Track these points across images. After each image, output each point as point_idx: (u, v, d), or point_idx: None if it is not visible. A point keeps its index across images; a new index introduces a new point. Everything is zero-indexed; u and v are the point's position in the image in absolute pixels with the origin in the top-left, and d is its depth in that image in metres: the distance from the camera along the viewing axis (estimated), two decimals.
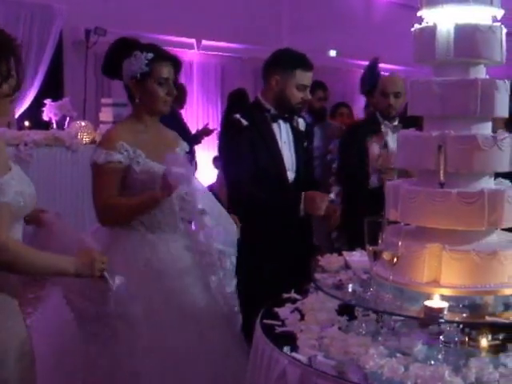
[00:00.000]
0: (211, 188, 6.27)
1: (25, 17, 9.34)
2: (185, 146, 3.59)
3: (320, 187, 4.30)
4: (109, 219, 3.27)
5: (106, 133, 3.42)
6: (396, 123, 4.74)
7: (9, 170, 2.37)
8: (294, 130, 3.96)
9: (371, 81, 6.99)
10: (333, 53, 13.44)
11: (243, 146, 3.83)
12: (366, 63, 8.22)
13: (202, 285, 3.35)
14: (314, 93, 7.12)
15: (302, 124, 4.01)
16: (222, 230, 3.33)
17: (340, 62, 13.23)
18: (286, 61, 3.89)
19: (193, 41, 11.02)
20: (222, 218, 3.38)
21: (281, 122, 3.91)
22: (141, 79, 3.26)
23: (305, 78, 3.86)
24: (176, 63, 3.39)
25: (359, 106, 10.37)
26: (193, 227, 3.42)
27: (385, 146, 4.52)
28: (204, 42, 11.10)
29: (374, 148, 4.42)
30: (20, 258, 2.33)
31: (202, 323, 3.27)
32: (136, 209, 3.25)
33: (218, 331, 3.31)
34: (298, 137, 3.96)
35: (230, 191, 4.01)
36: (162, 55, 3.32)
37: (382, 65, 12.83)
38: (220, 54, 11.42)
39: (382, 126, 4.77)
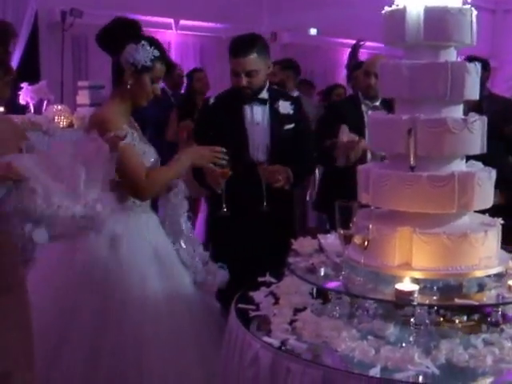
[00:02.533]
0: None
1: None
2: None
3: (311, 168, 4.36)
4: (152, 194, 3.40)
5: (105, 117, 3.34)
6: (377, 103, 4.73)
7: None
8: (274, 112, 3.97)
9: (351, 62, 7.12)
10: (313, 31, 13.39)
11: (202, 123, 4.13)
12: (347, 41, 8.31)
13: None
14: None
15: (285, 107, 4.01)
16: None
17: (321, 40, 13.18)
18: (229, 48, 3.96)
19: (171, 21, 10.94)
20: None
21: (255, 104, 3.95)
22: (140, 70, 3.32)
23: (233, 64, 3.90)
24: (168, 68, 3.48)
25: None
26: None
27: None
28: (182, 22, 11.03)
29: (344, 133, 4.43)
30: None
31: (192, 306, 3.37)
32: (173, 176, 3.43)
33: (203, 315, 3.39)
34: (277, 119, 3.98)
35: None
36: (164, 57, 3.43)
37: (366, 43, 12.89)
38: (198, 33, 11.35)
39: (362, 106, 4.78)
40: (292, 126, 4.02)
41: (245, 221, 3.88)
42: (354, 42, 9.61)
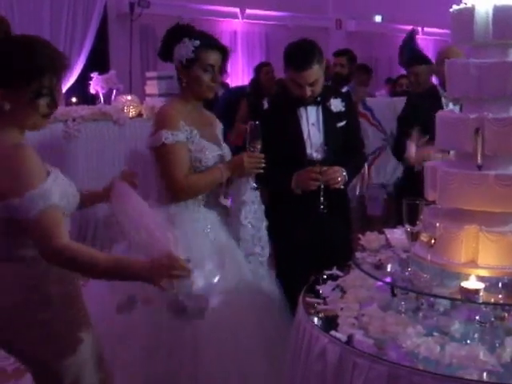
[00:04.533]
0: None
1: None
2: (221, 126, 3.73)
3: (362, 163, 4.38)
4: (188, 196, 3.43)
5: (163, 114, 3.49)
6: None
7: (47, 174, 2.43)
8: (327, 111, 4.01)
9: (411, 55, 6.97)
10: (378, 18, 13.32)
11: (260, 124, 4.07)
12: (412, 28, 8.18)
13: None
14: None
15: (337, 105, 4.05)
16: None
17: (385, 27, 13.10)
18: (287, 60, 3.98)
19: (237, 10, 11.05)
20: None
21: (309, 105, 3.99)
22: (187, 65, 3.41)
23: (296, 77, 3.90)
24: (223, 51, 3.49)
25: None
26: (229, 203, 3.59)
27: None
28: (248, 11, 11.12)
29: (411, 151, 4.41)
30: (98, 264, 2.38)
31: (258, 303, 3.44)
32: (210, 184, 3.46)
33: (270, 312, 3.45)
34: (330, 118, 4.02)
35: None
36: (208, 43, 3.45)
37: (429, 29, 12.72)
38: (264, 22, 11.42)
39: (443, 99, 4.76)
40: (344, 123, 4.06)
41: (305, 217, 3.94)
42: (419, 28, 9.46)
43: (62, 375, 2.56)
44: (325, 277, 3.18)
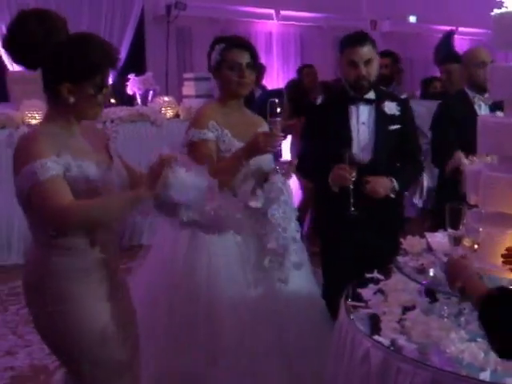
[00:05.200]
0: None
1: None
2: (266, 127, 3.73)
3: (418, 170, 4.35)
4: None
5: (197, 113, 3.67)
6: (487, 95, 4.65)
7: (55, 155, 2.46)
8: (379, 112, 4.00)
9: (446, 53, 6.91)
10: (413, 18, 13.24)
11: (310, 123, 4.19)
12: (447, 28, 8.13)
13: None
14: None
15: (391, 108, 4.03)
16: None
17: (420, 27, 13.02)
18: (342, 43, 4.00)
19: (272, 11, 11.07)
20: None
21: (361, 104, 3.98)
22: (217, 68, 3.54)
23: (350, 54, 3.94)
24: (248, 48, 3.55)
25: None
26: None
27: None
28: (283, 12, 11.13)
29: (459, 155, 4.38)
30: (91, 209, 2.45)
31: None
32: (232, 170, 3.42)
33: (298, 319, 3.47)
34: (382, 120, 4.00)
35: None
36: (232, 43, 3.56)
37: (464, 29, 12.63)
38: (299, 23, 11.43)
39: (475, 100, 4.74)
40: (398, 127, 4.01)
41: (340, 217, 3.93)
42: (454, 28, 9.39)
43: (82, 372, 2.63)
44: (366, 280, 3.19)
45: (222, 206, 2.74)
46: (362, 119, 3.98)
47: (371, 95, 4.00)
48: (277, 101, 3.42)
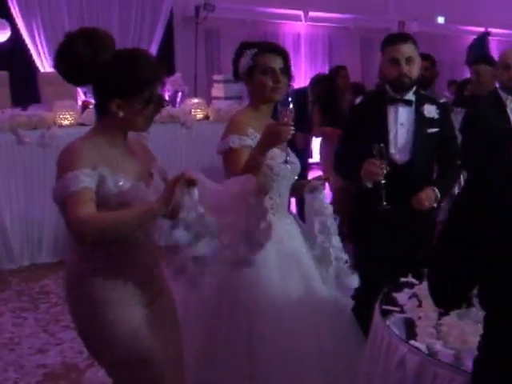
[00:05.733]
0: None
1: None
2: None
3: (456, 176, 4.32)
4: None
5: (232, 120, 3.56)
6: None
7: (91, 169, 2.49)
8: (419, 115, 3.99)
9: (477, 54, 6.86)
10: (441, 19, 13.19)
11: (350, 124, 4.17)
12: (475, 29, 8.09)
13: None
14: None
15: (431, 111, 4.02)
16: None
17: (448, 28, 12.97)
18: (384, 42, 4.00)
19: (300, 12, 11.08)
20: None
21: (400, 105, 3.98)
22: (249, 73, 3.46)
23: (392, 52, 3.92)
24: (281, 53, 3.53)
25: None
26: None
27: None
28: (311, 14, 11.14)
29: None
30: (105, 221, 2.44)
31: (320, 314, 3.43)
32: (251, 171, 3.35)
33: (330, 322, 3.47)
34: (421, 122, 3.99)
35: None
36: (264, 48, 3.50)
37: (492, 30, 12.56)
38: (327, 24, 11.43)
39: (508, 102, 4.72)
40: (436, 130, 3.99)
41: (382, 220, 3.92)
42: (482, 29, 9.34)
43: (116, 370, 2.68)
44: (401, 284, 3.19)
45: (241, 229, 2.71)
46: (400, 120, 3.97)
47: (410, 96, 3.99)
48: (292, 91, 3.40)
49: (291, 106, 3.25)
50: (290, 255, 3.45)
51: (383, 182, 3.70)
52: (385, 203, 3.73)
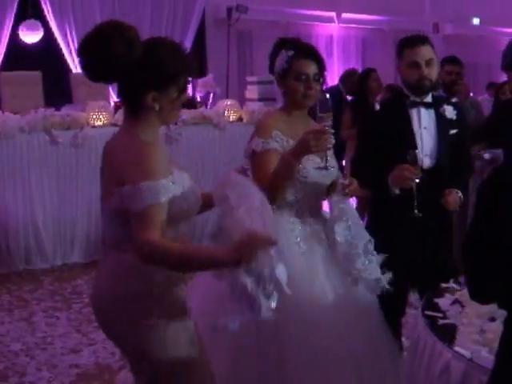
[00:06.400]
0: None
1: None
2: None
3: (470, 175, 4.26)
4: (274, 198, 3.28)
5: (260, 122, 3.56)
6: None
7: (170, 173, 2.48)
8: (440, 117, 3.94)
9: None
10: (476, 21, 13.07)
11: (367, 130, 4.03)
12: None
13: None
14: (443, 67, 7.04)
15: (450, 112, 3.97)
16: None
17: (484, 30, 12.84)
18: (400, 45, 3.93)
19: (333, 14, 11.04)
20: None
21: (422, 108, 3.92)
22: (283, 75, 3.41)
23: (411, 55, 3.83)
24: (317, 58, 3.47)
25: None
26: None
27: None
28: (344, 15, 11.09)
29: None
30: (174, 254, 2.38)
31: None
32: (284, 179, 3.29)
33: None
34: (443, 124, 3.94)
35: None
36: (301, 52, 3.42)
37: None
38: (360, 26, 11.38)
39: None
40: (455, 131, 3.96)
41: (407, 224, 3.86)
42: None
43: (158, 370, 2.58)
44: (442, 290, 3.14)
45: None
46: (423, 124, 3.90)
47: (429, 99, 3.94)
48: (328, 96, 3.34)
49: (330, 114, 3.21)
50: (315, 255, 3.40)
51: (415, 188, 3.61)
52: (416, 211, 3.65)
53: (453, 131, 3.93)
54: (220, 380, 3.05)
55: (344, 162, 7.50)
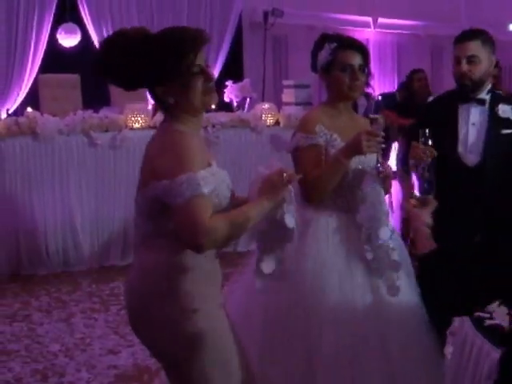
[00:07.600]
0: None
1: (205, 1, 9.75)
2: None
3: None
4: (319, 194, 3.30)
5: (304, 117, 3.53)
6: None
7: (208, 165, 2.45)
8: (493, 115, 3.87)
9: None
10: None
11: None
12: None
13: None
14: None
15: (506, 111, 3.89)
16: None
17: None
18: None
19: (369, 19, 11.00)
20: None
21: (472, 105, 3.87)
22: (327, 68, 3.36)
23: (455, 51, 3.85)
24: (361, 49, 3.43)
25: None
26: None
27: None
28: (380, 20, 11.05)
29: None
30: (232, 225, 2.37)
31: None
32: (333, 176, 3.25)
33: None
34: (496, 122, 3.87)
35: None
36: (344, 43, 3.37)
37: None
38: (396, 31, 11.32)
39: None
40: (510, 131, 3.89)
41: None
42: None
43: (190, 374, 2.51)
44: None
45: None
46: (472, 120, 3.85)
47: (484, 96, 3.87)
48: (380, 98, 3.31)
49: (382, 116, 3.21)
50: (351, 257, 3.30)
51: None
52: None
53: (507, 131, 3.85)
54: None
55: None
